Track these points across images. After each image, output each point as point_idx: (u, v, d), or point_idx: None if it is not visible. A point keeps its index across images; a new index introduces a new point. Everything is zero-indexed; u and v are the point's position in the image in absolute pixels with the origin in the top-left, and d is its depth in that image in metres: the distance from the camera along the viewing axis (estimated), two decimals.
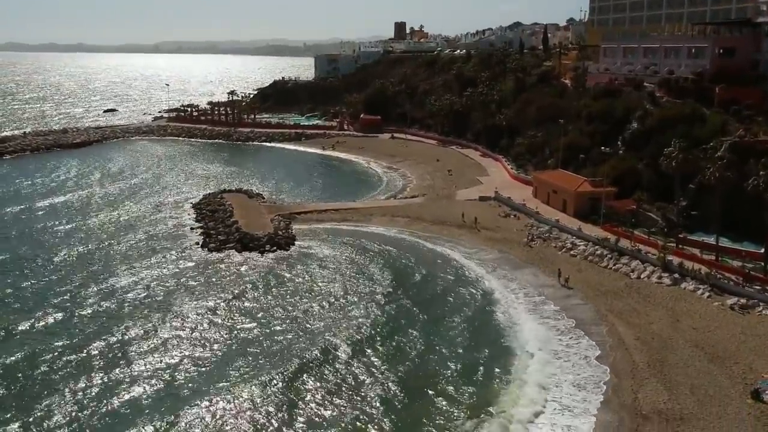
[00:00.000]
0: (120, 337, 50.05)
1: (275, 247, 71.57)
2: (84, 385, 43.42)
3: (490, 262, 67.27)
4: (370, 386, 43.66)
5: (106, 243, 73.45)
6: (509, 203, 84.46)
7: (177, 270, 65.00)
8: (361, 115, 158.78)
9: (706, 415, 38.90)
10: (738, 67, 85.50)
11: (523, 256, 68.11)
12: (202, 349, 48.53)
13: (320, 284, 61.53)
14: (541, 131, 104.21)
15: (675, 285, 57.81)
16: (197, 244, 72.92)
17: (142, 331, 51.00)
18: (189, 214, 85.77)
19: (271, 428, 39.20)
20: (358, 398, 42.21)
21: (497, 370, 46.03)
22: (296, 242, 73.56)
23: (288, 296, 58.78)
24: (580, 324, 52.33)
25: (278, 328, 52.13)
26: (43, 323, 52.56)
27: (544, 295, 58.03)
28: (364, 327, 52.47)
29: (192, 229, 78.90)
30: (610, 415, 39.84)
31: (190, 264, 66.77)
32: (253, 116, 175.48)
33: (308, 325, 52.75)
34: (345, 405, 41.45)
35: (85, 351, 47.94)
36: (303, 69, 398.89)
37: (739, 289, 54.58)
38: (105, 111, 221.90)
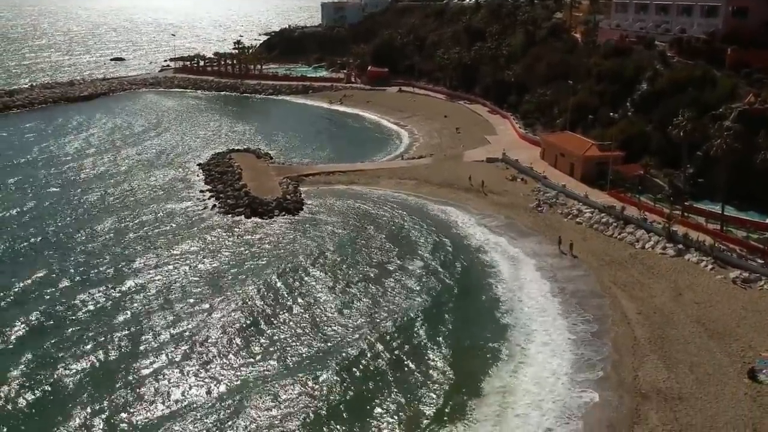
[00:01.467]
0: (150, 318, 50.77)
1: (284, 212, 72.33)
2: (137, 362, 44.73)
3: (496, 228, 67.89)
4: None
5: (122, 211, 73.59)
6: (517, 166, 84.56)
7: (193, 240, 65.37)
8: (369, 68, 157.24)
9: (703, 395, 39.84)
10: (751, 28, 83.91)
11: (530, 223, 68.66)
12: (235, 326, 49.64)
13: (330, 256, 62.20)
14: (551, 89, 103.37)
15: (679, 256, 58.36)
16: (206, 208, 73.75)
17: (164, 314, 51.46)
18: (198, 176, 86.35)
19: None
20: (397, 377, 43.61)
21: (497, 346, 46.94)
22: (304, 206, 74.24)
23: (302, 269, 59.37)
24: (584, 296, 53.14)
25: (299, 306, 53.02)
26: (87, 302, 52.87)
27: (548, 266, 58.72)
28: (376, 303, 53.58)
29: (201, 191, 79.52)
30: (611, 393, 40.84)
31: (205, 233, 67.04)
32: (259, 67, 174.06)
33: (321, 303, 53.71)
34: (382, 390, 42.62)
35: (131, 328, 49.04)
36: (311, 11, 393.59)
37: (742, 262, 55.08)
38: (112, 59, 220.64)
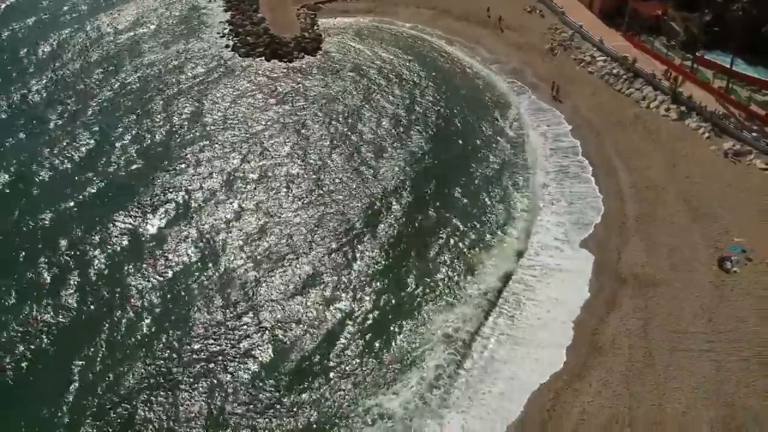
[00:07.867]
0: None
1: (303, 53, 74.15)
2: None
3: (507, 75, 70.43)
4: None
5: (139, 49, 76.17)
6: None
7: (215, 87, 68.30)
8: None
9: (674, 282, 44.13)
10: None
11: (542, 71, 70.30)
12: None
13: (345, 102, 65.36)
14: None
15: (680, 120, 60.67)
16: (227, 47, 75.64)
17: (189, 157, 56.80)
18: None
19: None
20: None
21: (504, 221, 51.67)
22: (323, 45, 76.02)
23: (325, 113, 63.75)
24: (585, 166, 57.17)
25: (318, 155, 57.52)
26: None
27: (552, 129, 62.10)
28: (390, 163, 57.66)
29: (221, 22, 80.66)
30: (593, 277, 45.84)
31: (228, 79, 69.68)
32: None
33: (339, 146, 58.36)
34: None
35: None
36: None
37: (737, 132, 57.91)
38: None
